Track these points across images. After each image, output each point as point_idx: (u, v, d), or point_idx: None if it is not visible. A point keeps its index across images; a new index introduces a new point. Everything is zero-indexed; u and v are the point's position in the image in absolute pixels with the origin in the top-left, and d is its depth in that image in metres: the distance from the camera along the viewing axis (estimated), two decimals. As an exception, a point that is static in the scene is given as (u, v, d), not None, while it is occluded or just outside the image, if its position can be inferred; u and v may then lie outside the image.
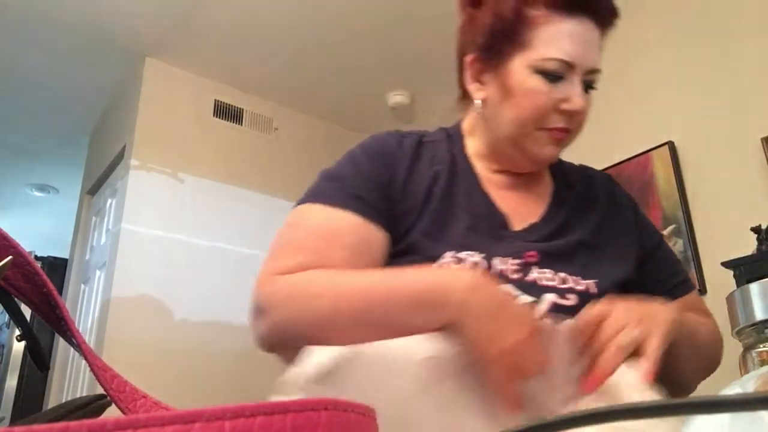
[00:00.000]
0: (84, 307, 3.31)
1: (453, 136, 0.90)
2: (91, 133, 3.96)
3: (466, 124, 0.91)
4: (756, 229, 1.93)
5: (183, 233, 3.08)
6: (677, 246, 2.20)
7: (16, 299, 0.36)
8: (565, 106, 0.78)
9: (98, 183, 3.60)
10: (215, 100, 3.40)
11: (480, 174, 0.86)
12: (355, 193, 0.78)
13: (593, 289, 0.78)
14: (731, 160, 2.19)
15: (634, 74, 2.55)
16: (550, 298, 0.75)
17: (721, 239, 2.11)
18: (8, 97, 3.57)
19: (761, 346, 0.33)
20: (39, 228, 5.45)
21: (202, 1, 2.84)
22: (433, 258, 0.75)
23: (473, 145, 0.89)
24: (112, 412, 0.35)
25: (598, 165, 2.99)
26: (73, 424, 0.16)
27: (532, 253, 0.79)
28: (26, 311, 0.38)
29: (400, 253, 0.78)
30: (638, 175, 2.42)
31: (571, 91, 0.77)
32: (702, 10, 2.41)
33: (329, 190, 0.80)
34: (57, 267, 3.87)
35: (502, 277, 0.75)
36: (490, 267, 0.75)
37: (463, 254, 0.75)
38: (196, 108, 3.34)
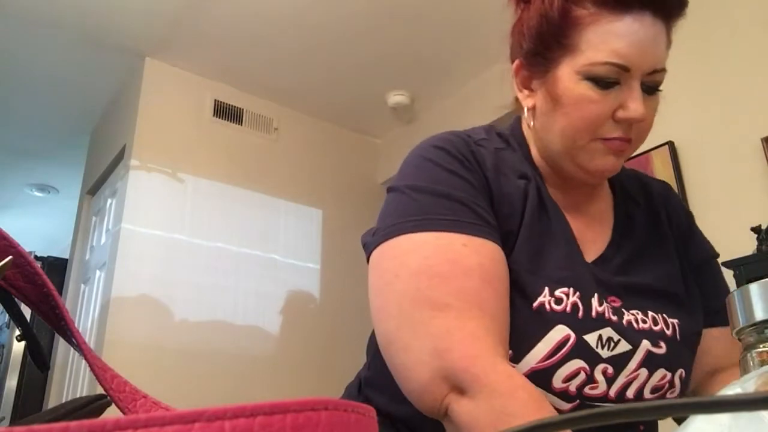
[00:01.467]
0: (84, 307, 3.31)
1: (522, 146, 0.79)
2: (91, 133, 3.96)
3: (526, 132, 0.81)
4: (756, 229, 1.93)
5: (183, 233, 3.08)
6: (677, 246, 2.20)
7: (16, 299, 0.36)
8: (621, 113, 0.69)
9: (98, 183, 3.60)
10: (215, 100, 3.41)
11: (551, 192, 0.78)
12: (481, 214, 0.68)
13: (678, 333, 0.72)
14: (731, 160, 2.19)
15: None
16: (646, 345, 0.69)
17: (721, 239, 2.10)
18: (8, 97, 3.57)
19: (761, 346, 0.33)
20: (39, 228, 5.45)
21: (202, 1, 2.84)
22: (532, 296, 0.67)
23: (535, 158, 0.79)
24: (112, 412, 0.35)
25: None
26: (73, 424, 0.16)
27: (616, 295, 0.72)
28: (26, 311, 0.38)
29: None
30: (638, 175, 2.42)
31: (628, 96, 0.69)
32: (702, 10, 2.41)
33: (450, 212, 0.67)
34: (57, 267, 3.87)
35: (603, 320, 0.68)
36: (589, 308, 0.68)
37: (558, 292, 0.67)
38: (196, 108, 3.34)
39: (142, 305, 2.86)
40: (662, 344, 0.70)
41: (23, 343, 0.38)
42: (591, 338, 0.66)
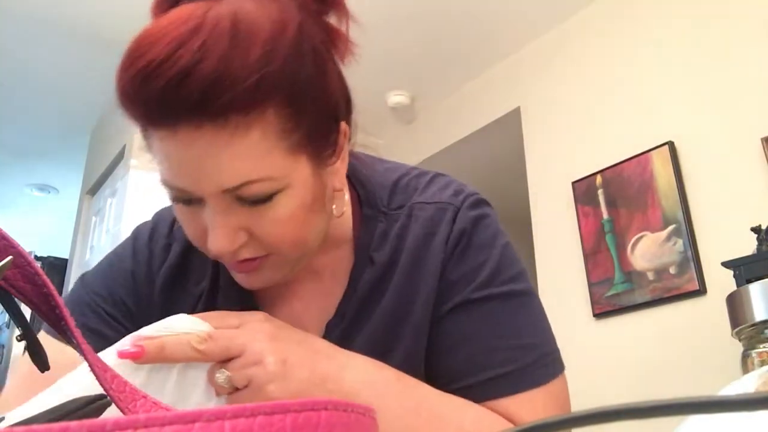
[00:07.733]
0: (84, 307, 3.30)
1: None
2: (91, 133, 3.96)
3: None
4: (756, 229, 1.93)
5: (183, 233, 3.08)
6: (677, 246, 2.20)
7: (16, 299, 0.36)
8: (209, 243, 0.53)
9: (98, 183, 3.60)
10: (215, 100, 3.41)
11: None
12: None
13: None
14: (731, 160, 2.19)
15: (634, 74, 2.55)
16: None
17: (721, 239, 2.11)
18: (8, 97, 3.57)
19: (761, 346, 0.34)
20: (39, 228, 5.45)
21: (202, 1, 2.84)
22: None
23: None
24: (112, 412, 0.35)
25: (598, 165, 2.96)
26: (73, 424, 0.16)
27: None
28: (26, 311, 0.38)
29: None
30: (638, 175, 2.42)
31: (208, 223, 0.53)
32: (702, 9, 2.41)
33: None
34: (57, 267, 3.87)
35: None
36: None
37: None
38: (196, 108, 3.34)
39: (142, 305, 2.86)
40: None
41: (23, 343, 0.38)
42: None
